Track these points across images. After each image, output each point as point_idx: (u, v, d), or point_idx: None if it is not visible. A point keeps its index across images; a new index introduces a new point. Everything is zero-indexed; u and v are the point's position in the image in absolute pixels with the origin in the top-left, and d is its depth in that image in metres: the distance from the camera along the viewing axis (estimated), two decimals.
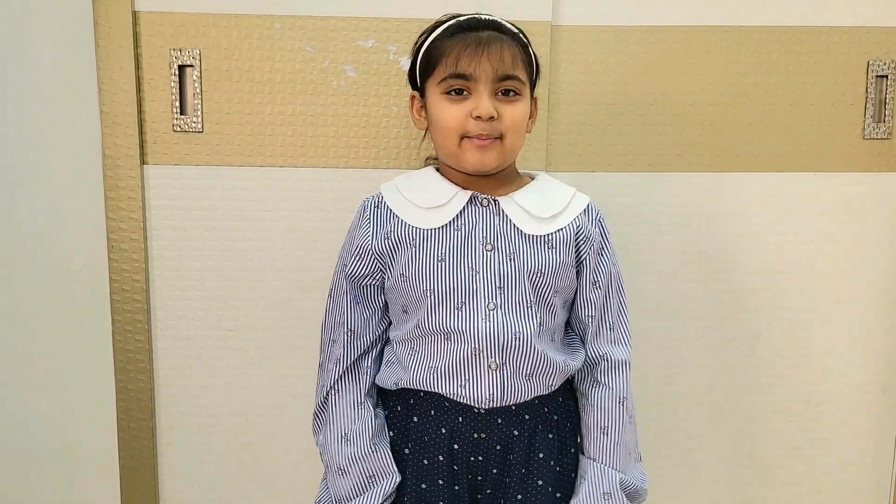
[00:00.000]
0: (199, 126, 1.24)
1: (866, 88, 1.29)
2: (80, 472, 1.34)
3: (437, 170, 1.07)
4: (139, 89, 1.23)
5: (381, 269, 1.04)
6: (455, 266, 0.99)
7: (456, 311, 0.99)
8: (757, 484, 1.40)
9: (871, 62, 1.29)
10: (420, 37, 1.05)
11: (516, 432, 1.01)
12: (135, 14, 1.21)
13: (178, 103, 1.24)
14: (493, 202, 1.02)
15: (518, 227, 1.01)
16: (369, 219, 1.03)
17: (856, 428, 1.39)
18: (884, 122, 1.30)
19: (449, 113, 0.98)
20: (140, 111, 1.23)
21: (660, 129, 1.29)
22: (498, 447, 1.01)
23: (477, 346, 0.98)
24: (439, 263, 0.99)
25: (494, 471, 1.02)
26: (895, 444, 1.39)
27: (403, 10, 1.23)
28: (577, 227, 1.03)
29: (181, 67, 1.23)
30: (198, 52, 1.23)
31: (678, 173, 1.30)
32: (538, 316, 1.00)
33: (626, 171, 1.30)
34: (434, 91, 1.00)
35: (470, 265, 0.99)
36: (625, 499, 1.02)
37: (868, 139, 1.30)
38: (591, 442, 1.04)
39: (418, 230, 1.01)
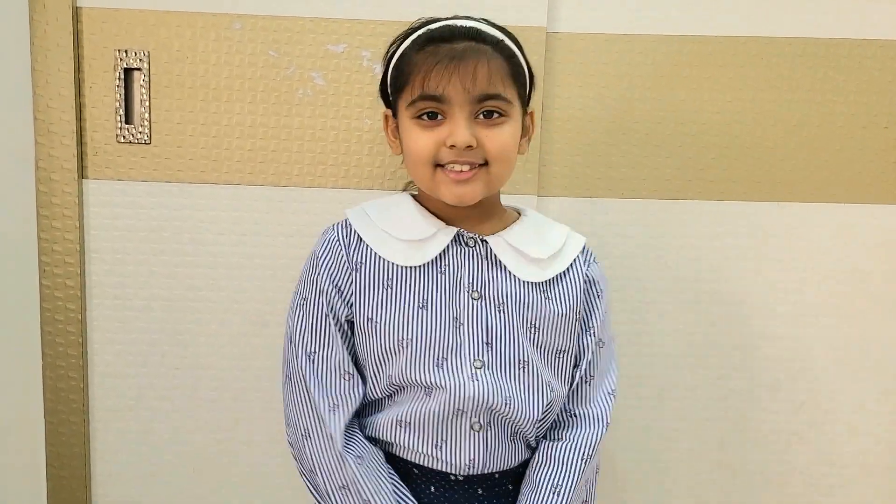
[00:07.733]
0: (147, 137, 1.19)
1: None
2: None
3: (414, 197, 0.95)
4: (79, 94, 1.18)
5: (349, 307, 0.90)
6: (438, 315, 0.88)
7: (436, 367, 0.87)
8: None
9: None
10: (391, 46, 0.94)
11: None
12: (76, 10, 1.16)
13: (122, 111, 1.19)
14: (480, 242, 0.91)
15: (512, 273, 0.90)
16: (332, 251, 0.90)
17: (886, 495, 1.30)
18: None
19: (419, 141, 0.87)
20: (80, 119, 1.18)
21: (667, 150, 1.23)
22: None
23: (459, 406, 0.87)
24: (421, 311, 0.88)
25: None
26: None
27: (379, 12, 1.17)
28: (578, 271, 0.94)
29: (127, 71, 1.18)
30: (146, 53, 1.17)
31: (688, 201, 1.24)
32: (538, 378, 0.89)
33: (629, 198, 1.24)
34: (404, 115, 0.89)
35: (454, 315, 0.88)
36: None
37: None
38: (535, 501, 0.89)
39: (395, 267, 0.89)
